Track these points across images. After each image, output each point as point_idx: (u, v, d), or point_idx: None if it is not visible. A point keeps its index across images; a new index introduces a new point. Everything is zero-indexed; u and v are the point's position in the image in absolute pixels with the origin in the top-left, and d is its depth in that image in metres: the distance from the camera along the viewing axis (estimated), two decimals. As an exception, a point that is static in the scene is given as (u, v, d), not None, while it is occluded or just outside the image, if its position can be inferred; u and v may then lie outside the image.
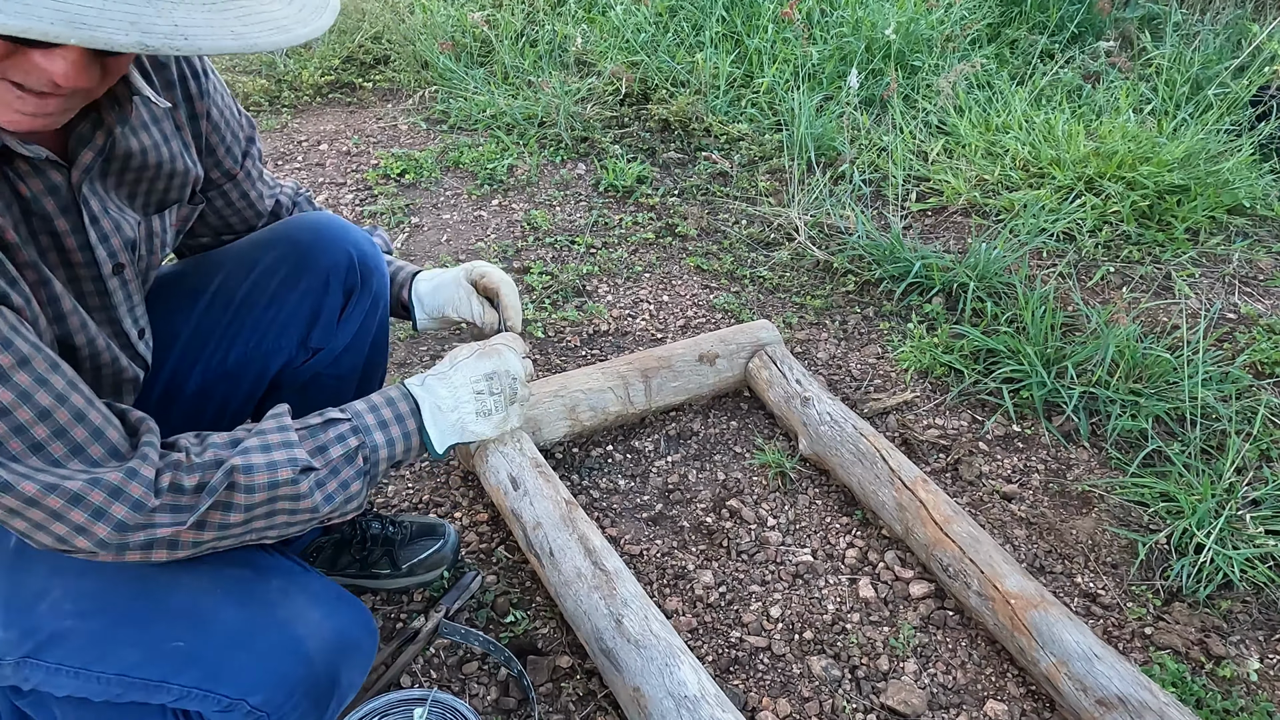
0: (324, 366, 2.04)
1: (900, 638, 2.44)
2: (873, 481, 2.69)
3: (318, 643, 1.53)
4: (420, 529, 2.50)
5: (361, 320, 2.03)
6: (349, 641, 1.59)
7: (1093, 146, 4.43)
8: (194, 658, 1.48)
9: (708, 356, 3.07)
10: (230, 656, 1.49)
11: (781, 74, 5.15)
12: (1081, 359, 3.24)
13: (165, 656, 1.48)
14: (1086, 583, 2.62)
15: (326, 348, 2.01)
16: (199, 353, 1.90)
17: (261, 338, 1.93)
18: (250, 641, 1.50)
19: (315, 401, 2.02)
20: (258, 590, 1.56)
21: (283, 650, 1.51)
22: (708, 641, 2.42)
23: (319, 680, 1.53)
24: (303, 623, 1.54)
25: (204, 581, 1.54)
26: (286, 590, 1.58)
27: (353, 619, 1.61)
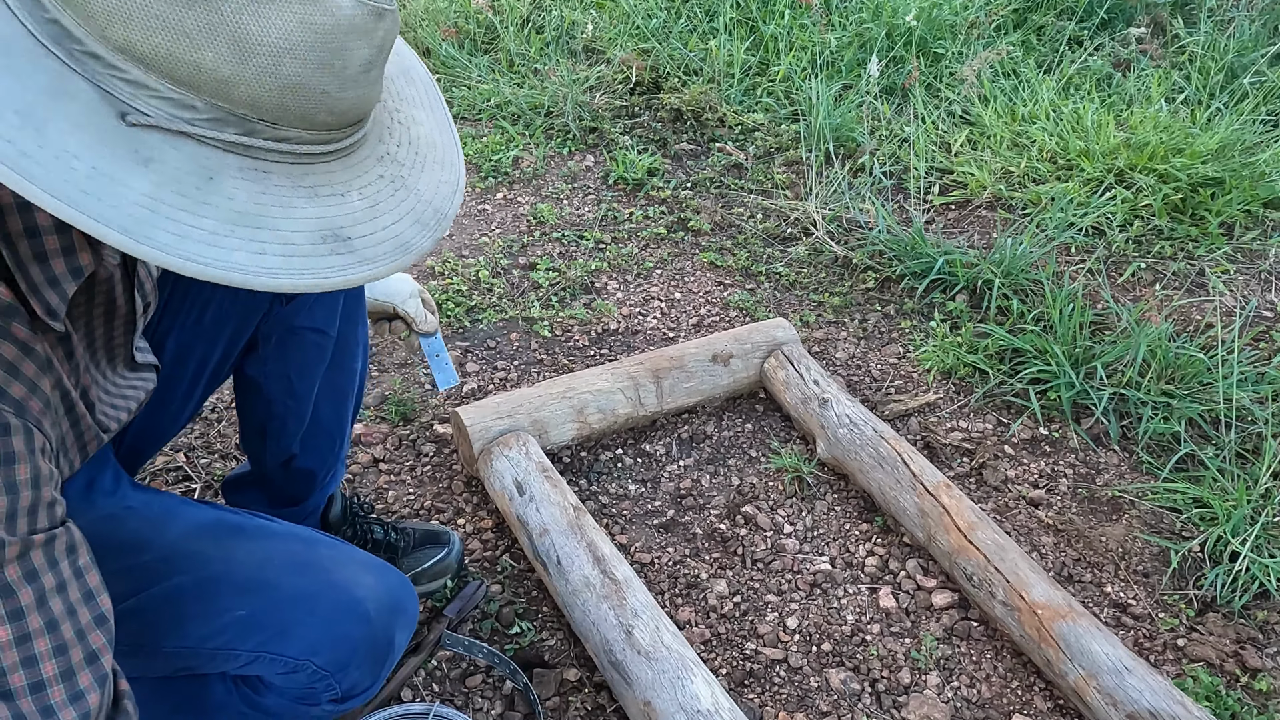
0: (299, 317, 2.03)
1: (922, 650, 2.44)
2: (894, 487, 2.69)
3: (375, 604, 1.64)
4: (423, 536, 2.51)
5: None
6: (398, 604, 1.71)
7: (1123, 137, 4.42)
8: (258, 623, 1.58)
9: (722, 356, 3.07)
10: (294, 619, 1.59)
11: (798, 62, 5.14)
12: (1111, 359, 3.24)
13: (229, 626, 1.58)
14: (1116, 592, 2.62)
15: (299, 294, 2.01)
16: (176, 314, 1.91)
17: (237, 292, 1.93)
18: (313, 604, 1.61)
19: (294, 358, 2.06)
20: (312, 559, 1.68)
21: (345, 611, 1.62)
22: (722, 654, 2.42)
23: (378, 640, 1.65)
24: (360, 586, 1.65)
25: (258, 555, 1.65)
26: (336, 558, 1.70)
27: (399, 583, 1.73)
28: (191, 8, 0.92)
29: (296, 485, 2.29)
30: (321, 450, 2.25)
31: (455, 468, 2.87)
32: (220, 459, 2.82)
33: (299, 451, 2.21)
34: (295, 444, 2.19)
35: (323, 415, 2.20)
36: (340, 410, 2.24)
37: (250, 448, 2.26)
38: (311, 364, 2.10)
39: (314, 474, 2.28)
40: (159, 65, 0.95)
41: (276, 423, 2.15)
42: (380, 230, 1.13)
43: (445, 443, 2.95)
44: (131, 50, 0.94)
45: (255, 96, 0.99)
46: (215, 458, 2.82)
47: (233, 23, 0.94)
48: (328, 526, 2.43)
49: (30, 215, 1.14)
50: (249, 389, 2.12)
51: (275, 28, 0.96)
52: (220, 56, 0.95)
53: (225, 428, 2.91)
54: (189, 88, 0.97)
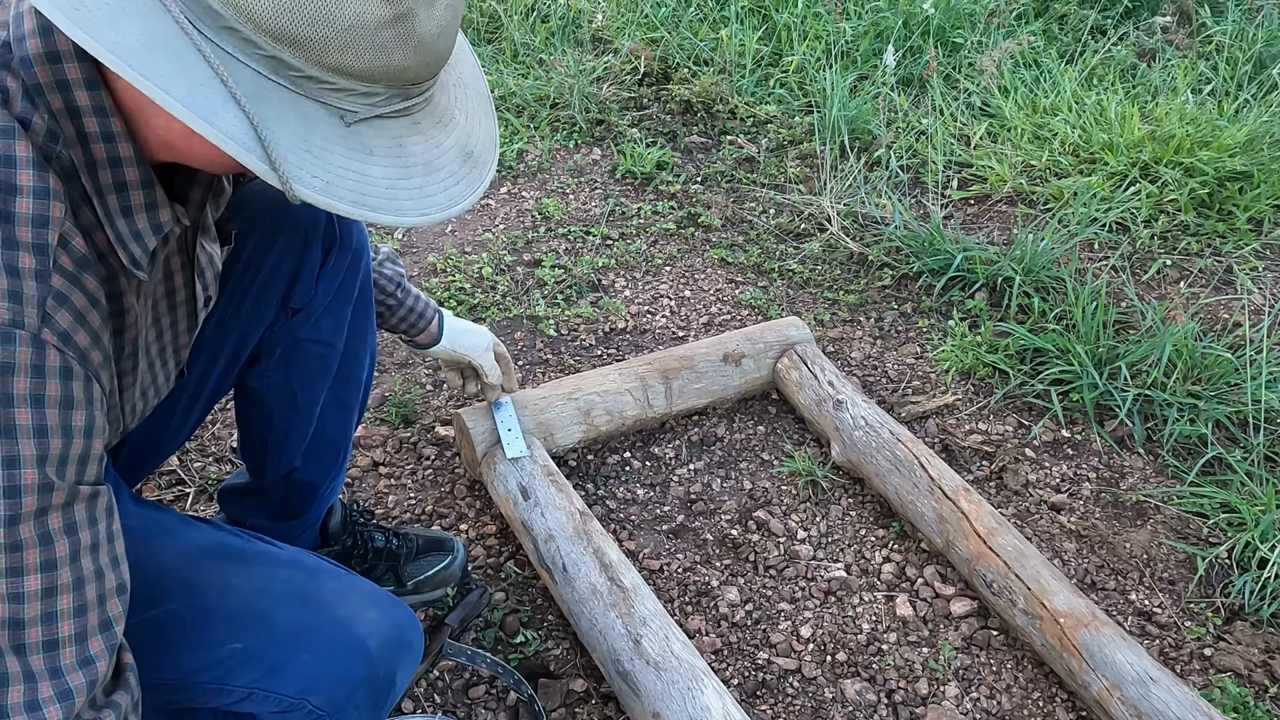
0: (305, 330, 2.04)
1: (940, 659, 2.44)
2: (911, 491, 2.69)
3: (378, 641, 1.61)
4: (426, 543, 2.51)
5: (341, 277, 2.04)
6: (403, 640, 1.66)
7: (1148, 130, 4.42)
8: (253, 658, 1.55)
9: (733, 356, 3.07)
10: (291, 655, 1.56)
11: (812, 52, 5.14)
12: (1136, 359, 3.23)
13: (223, 659, 1.55)
14: (1141, 600, 2.62)
15: (306, 307, 2.02)
16: None
17: (240, 303, 1.95)
18: (311, 640, 1.57)
19: (299, 371, 2.06)
20: (313, 590, 1.64)
21: (345, 649, 1.58)
22: (733, 664, 2.42)
23: (379, 680, 1.61)
24: (362, 622, 1.61)
25: (257, 583, 1.62)
26: (341, 590, 1.66)
27: (405, 619, 1.69)
28: (392, 27, 1.14)
29: (296, 498, 2.28)
30: (324, 463, 2.26)
31: (458, 471, 2.87)
32: (215, 462, 2.82)
33: (300, 465, 2.21)
34: (297, 457, 2.19)
35: (326, 428, 2.20)
36: (344, 423, 2.25)
37: (250, 459, 2.25)
38: (316, 377, 2.11)
39: (315, 486, 2.28)
40: (361, 74, 1.16)
41: (278, 435, 2.15)
42: (477, 131, 1.35)
43: (447, 445, 2.95)
44: (341, 69, 1.14)
45: (418, 72, 1.21)
46: (210, 460, 2.82)
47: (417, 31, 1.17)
48: (327, 536, 2.43)
49: (120, 171, 1.24)
50: (251, 401, 2.13)
51: (436, 19, 1.19)
52: (406, 56, 1.17)
53: (220, 429, 2.92)
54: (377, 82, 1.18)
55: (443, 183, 1.26)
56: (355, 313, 2.12)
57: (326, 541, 2.44)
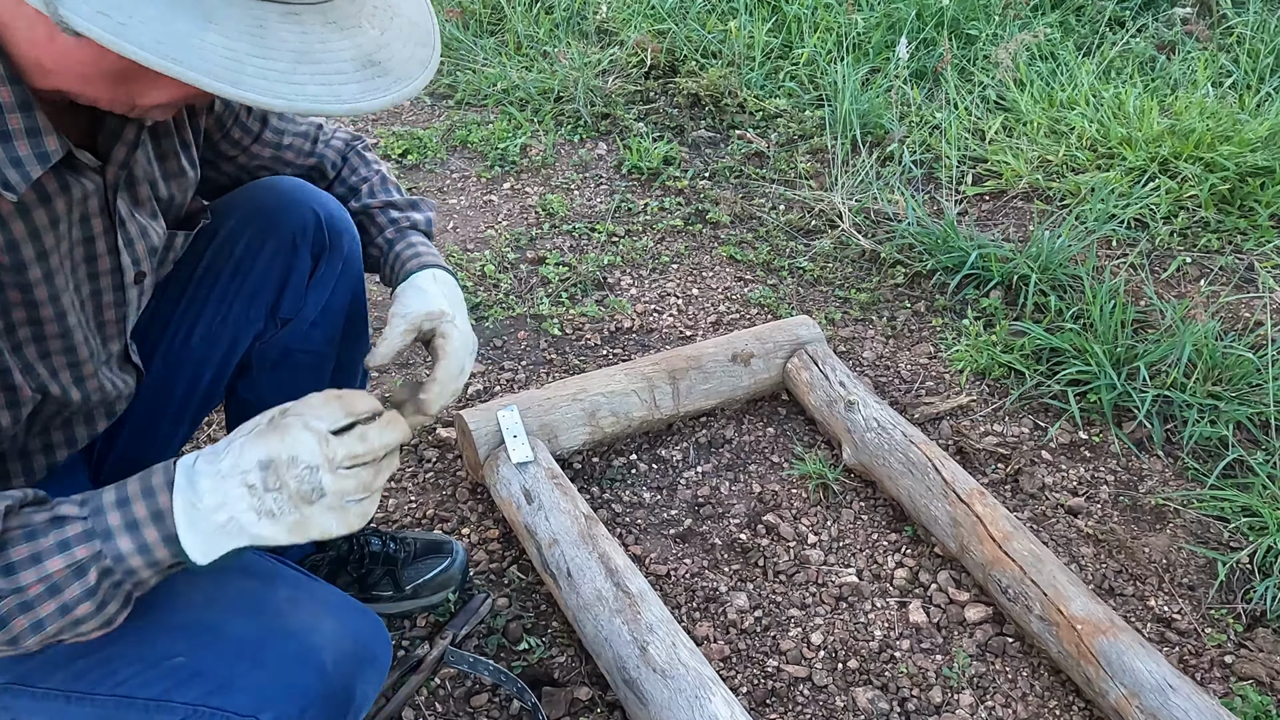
0: (295, 340, 2.04)
1: (955, 667, 2.44)
2: (924, 494, 2.69)
3: (333, 653, 1.53)
4: (425, 546, 2.51)
5: (333, 285, 2.04)
6: (365, 652, 1.59)
7: (1167, 124, 4.41)
8: (199, 672, 1.48)
9: (742, 356, 3.07)
10: (239, 670, 1.49)
11: (823, 44, 5.14)
12: (1155, 359, 3.23)
13: (167, 673, 1.48)
14: (1160, 606, 2.61)
15: (296, 317, 2.02)
16: (160, 334, 1.91)
17: (227, 311, 1.94)
18: (260, 653, 1.50)
19: (290, 381, 2.05)
20: (265, 600, 1.57)
21: (296, 661, 1.50)
22: (742, 671, 2.42)
23: (335, 693, 1.53)
24: (316, 633, 1.54)
25: (206, 593, 1.54)
26: (296, 599, 1.58)
27: (367, 628, 1.62)
28: None
29: None
30: None
31: (459, 474, 2.87)
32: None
33: None
34: None
35: None
36: None
37: None
38: (308, 387, 2.08)
39: None
40: None
41: None
42: (398, 52, 1.26)
43: (449, 448, 2.95)
44: None
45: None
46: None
47: None
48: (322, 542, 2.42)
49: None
50: (242, 412, 2.12)
51: None
52: None
53: (216, 432, 2.92)
54: None
55: (324, 76, 1.17)
56: (348, 322, 2.12)
57: (321, 547, 2.43)
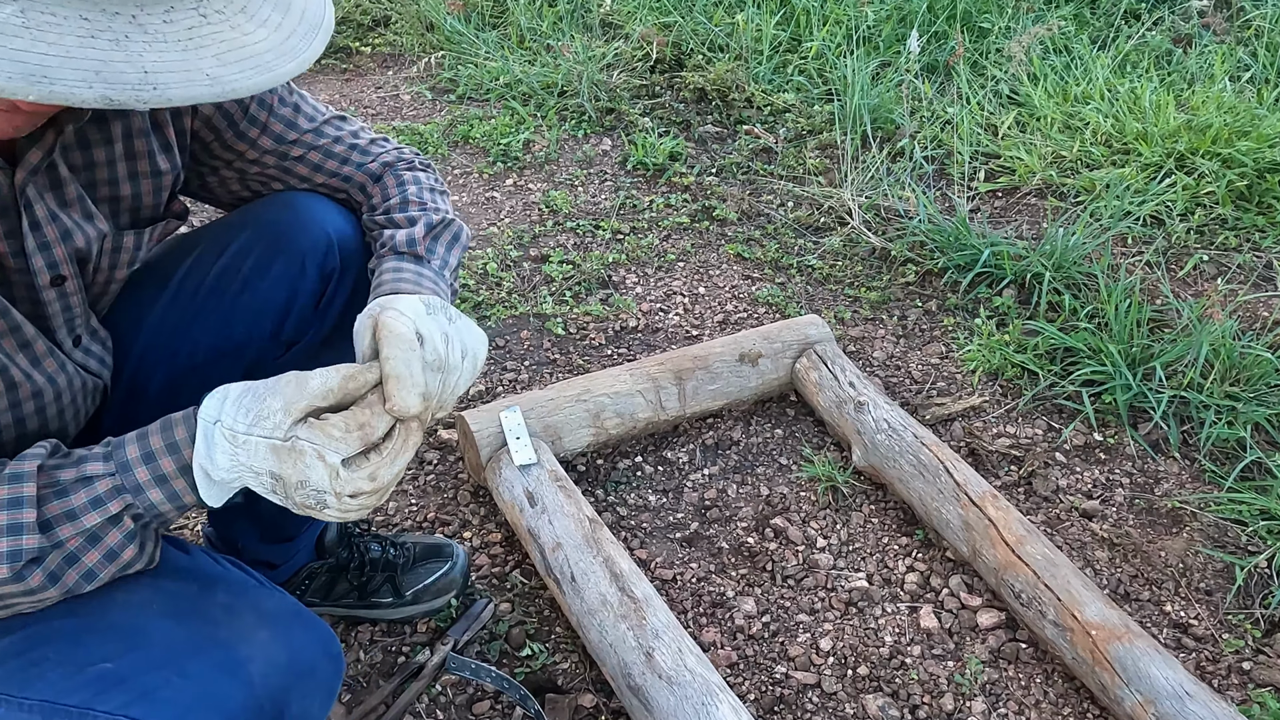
0: (301, 364, 2.03)
1: (967, 673, 2.43)
2: (936, 497, 2.69)
3: (262, 665, 1.49)
4: (425, 550, 2.51)
5: (341, 310, 2.00)
6: (301, 665, 1.55)
7: (1184, 119, 4.41)
8: (122, 680, 1.45)
9: (749, 356, 3.07)
10: (162, 679, 1.46)
11: (833, 37, 5.14)
12: (1171, 359, 3.22)
13: (91, 680, 1.45)
14: (1177, 611, 2.61)
15: (303, 341, 2.00)
16: (165, 347, 1.90)
17: (232, 328, 1.92)
18: (185, 662, 1.47)
19: None
20: (200, 605, 1.55)
21: (221, 672, 1.47)
22: (749, 678, 2.42)
23: (262, 709, 1.49)
24: (247, 643, 1.51)
25: (142, 595, 1.53)
26: (232, 606, 1.56)
27: (308, 640, 1.59)
28: None
29: (290, 520, 2.28)
30: None
31: (461, 477, 2.88)
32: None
33: None
34: None
35: None
36: None
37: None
38: None
39: None
40: None
41: None
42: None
43: (450, 450, 2.95)
44: None
45: None
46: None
47: None
48: (322, 550, 2.43)
49: None
50: None
51: None
52: None
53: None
54: None
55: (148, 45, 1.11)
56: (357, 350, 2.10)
57: (321, 555, 2.43)
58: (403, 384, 1.49)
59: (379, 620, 2.47)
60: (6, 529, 1.33)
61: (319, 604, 2.46)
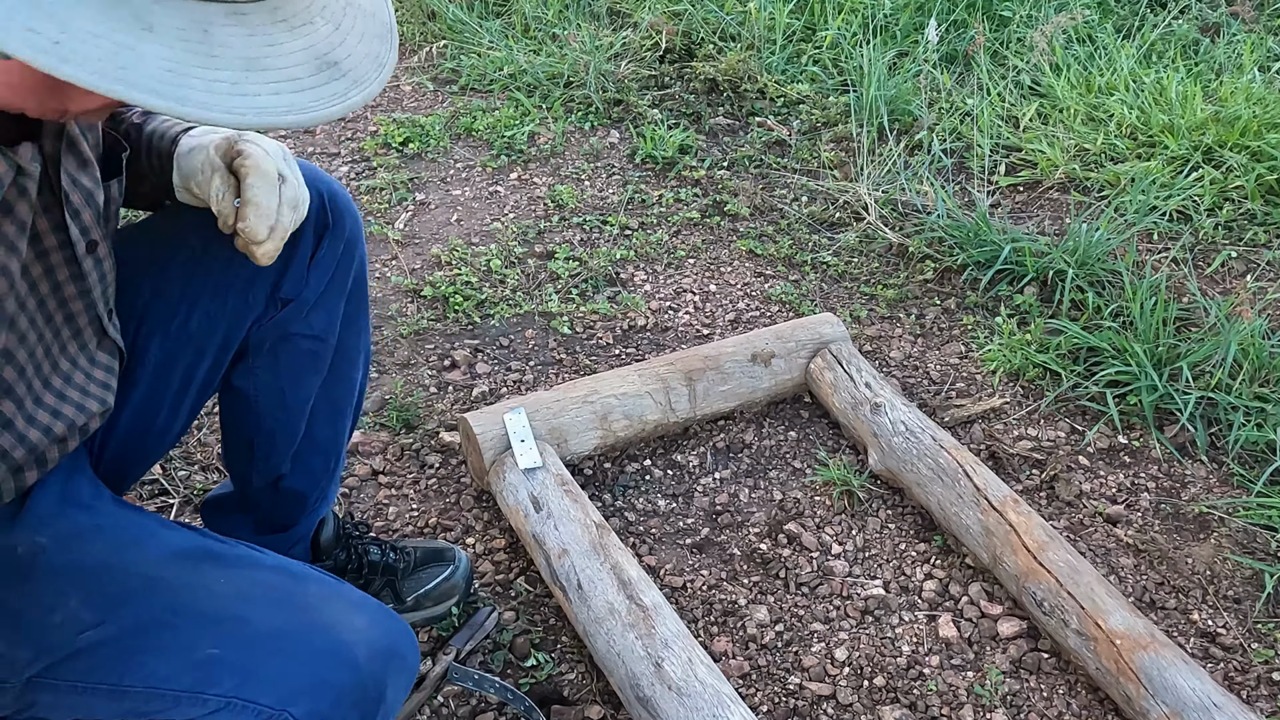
0: (295, 324, 2.04)
1: (987, 684, 2.43)
2: (955, 502, 2.68)
3: (365, 649, 1.57)
4: (426, 555, 2.51)
5: (334, 268, 2.04)
6: (396, 651, 1.63)
7: (1212, 111, 4.40)
8: (230, 665, 1.52)
9: (762, 356, 3.07)
10: (271, 662, 1.53)
11: (848, 25, 5.14)
12: (1199, 359, 3.22)
13: (198, 665, 1.52)
14: (1204, 620, 2.61)
15: (297, 298, 2.02)
16: (159, 318, 1.92)
17: (226, 294, 1.95)
18: (293, 646, 1.54)
19: (288, 368, 2.06)
20: (296, 594, 1.62)
21: (329, 656, 1.55)
22: (762, 689, 2.42)
23: (367, 690, 1.56)
24: (348, 628, 1.58)
25: (238, 586, 1.60)
26: (325, 595, 1.64)
27: (397, 629, 1.66)
28: None
29: (285, 508, 2.28)
30: (314, 469, 2.25)
31: (464, 481, 2.88)
32: (201, 470, 2.83)
33: (289, 470, 2.20)
34: (285, 462, 2.19)
35: (317, 431, 2.20)
36: (337, 426, 2.25)
37: (234, 466, 2.26)
38: (306, 374, 2.11)
39: (304, 496, 2.28)
40: None
41: (265, 438, 2.15)
42: (355, 49, 1.25)
43: (453, 453, 2.95)
44: None
45: None
46: (195, 469, 2.83)
47: None
48: (319, 551, 2.43)
49: None
50: (236, 402, 2.12)
51: None
52: None
53: (206, 435, 2.93)
54: None
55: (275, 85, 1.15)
56: (349, 305, 2.12)
57: (318, 556, 2.43)
58: (261, 212, 1.71)
59: None
60: None
61: None
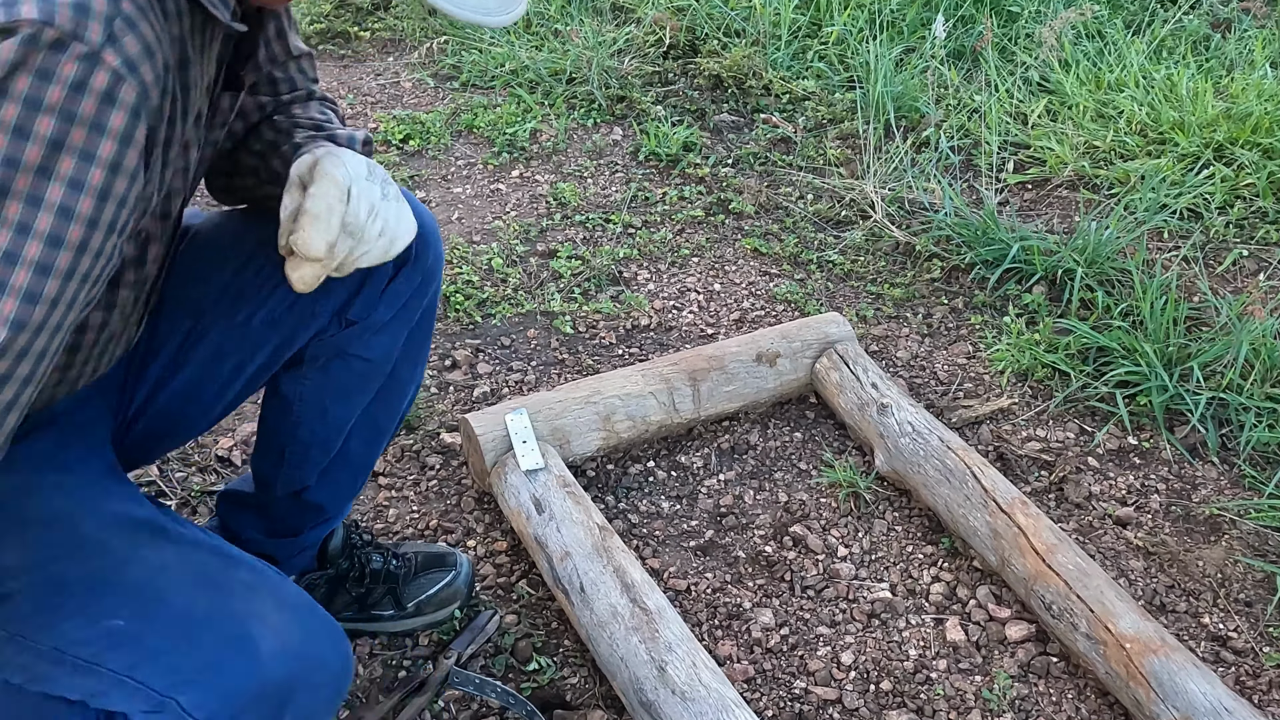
0: (355, 345, 2.06)
1: (995, 689, 2.43)
2: (962, 504, 2.68)
3: (273, 646, 1.51)
4: (427, 560, 2.51)
5: (407, 298, 2.06)
6: (314, 657, 1.57)
7: (1223, 108, 4.40)
8: (132, 641, 1.48)
9: (767, 356, 3.06)
10: (172, 645, 1.49)
11: (854, 21, 5.14)
12: (1210, 359, 3.22)
13: (103, 635, 1.49)
14: (1215, 623, 2.61)
15: (363, 321, 2.04)
16: (226, 309, 1.95)
17: (295, 302, 1.96)
18: (198, 632, 1.50)
19: (337, 384, 2.08)
20: (221, 578, 1.59)
21: (230, 647, 1.49)
22: (767, 693, 2.42)
23: (267, 693, 1.50)
24: (261, 622, 1.53)
25: (168, 561, 1.57)
26: (253, 585, 1.60)
27: (323, 633, 1.61)
28: None
29: (301, 517, 2.29)
30: (339, 485, 2.27)
31: (465, 482, 2.88)
32: (199, 472, 2.83)
33: (314, 484, 2.22)
34: (313, 475, 2.20)
35: (352, 450, 2.22)
36: (371, 447, 2.27)
37: (261, 468, 2.26)
38: (354, 394, 2.13)
39: (323, 508, 2.29)
40: None
41: (298, 448, 2.17)
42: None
43: (454, 454, 2.95)
44: None
45: None
46: (192, 470, 2.84)
47: None
48: (324, 559, 2.43)
49: None
50: (279, 406, 2.14)
51: None
52: None
53: (206, 437, 2.92)
54: None
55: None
56: (412, 337, 2.15)
57: (323, 564, 2.44)
58: (317, 223, 1.63)
59: (381, 633, 2.47)
60: None
61: None
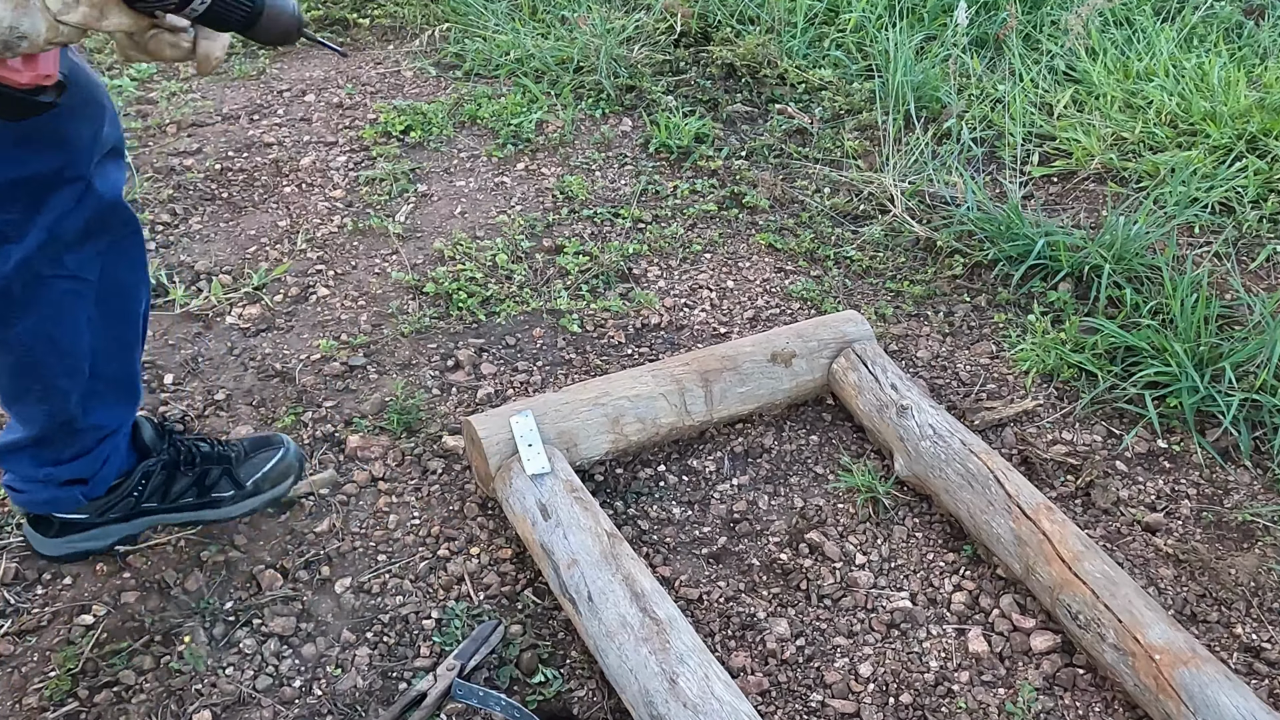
0: (45, 265, 2.07)
1: (1019, 702, 2.43)
2: (985, 509, 2.68)
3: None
4: (255, 443, 2.66)
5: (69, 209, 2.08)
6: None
7: (1256, 98, 4.40)
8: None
9: (782, 356, 3.06)
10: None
11: (873, 8, 5.14)
12: (1242, 359, 3.21)
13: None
14: (1248, 634, 2.60)
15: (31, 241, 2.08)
16: None
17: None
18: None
19: (53, 312, 2.13)
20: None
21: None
22: (782, 706, 2.42)
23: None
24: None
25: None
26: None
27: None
28: None
29: (84, 439, 2.35)
30: (110, 405, 2.34)
31: (468, 487, 2.88)
32: None
33: (80, 412, 2.26)
34: (73, 404, 2.24)
35: (106, 371, 2.26)
36: (128, 362, 2.33)
37: (18, 412, 2.30)
38: (71, 315, 2.15)
39: (103, 426, 2.35)
40: None
41: (41, 386, 2.20)
42: None
43: (457, 458, 2.95)
44: None
45: None
46: None
47: None
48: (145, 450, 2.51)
49: None
50: (6, 354, 2.17)
51: None
52: None
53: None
54: None
55: None
56: (119, 242, 2.18)
57: (144, 455, 2.51)
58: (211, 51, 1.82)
59: (227, 519, 2.63)
60: None
61: (159, 511, 2.56)
